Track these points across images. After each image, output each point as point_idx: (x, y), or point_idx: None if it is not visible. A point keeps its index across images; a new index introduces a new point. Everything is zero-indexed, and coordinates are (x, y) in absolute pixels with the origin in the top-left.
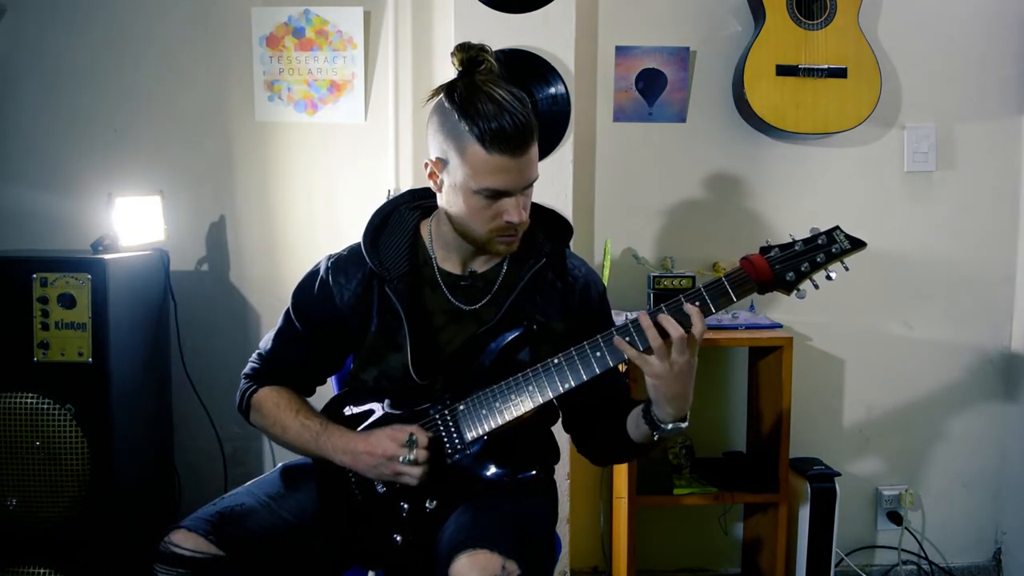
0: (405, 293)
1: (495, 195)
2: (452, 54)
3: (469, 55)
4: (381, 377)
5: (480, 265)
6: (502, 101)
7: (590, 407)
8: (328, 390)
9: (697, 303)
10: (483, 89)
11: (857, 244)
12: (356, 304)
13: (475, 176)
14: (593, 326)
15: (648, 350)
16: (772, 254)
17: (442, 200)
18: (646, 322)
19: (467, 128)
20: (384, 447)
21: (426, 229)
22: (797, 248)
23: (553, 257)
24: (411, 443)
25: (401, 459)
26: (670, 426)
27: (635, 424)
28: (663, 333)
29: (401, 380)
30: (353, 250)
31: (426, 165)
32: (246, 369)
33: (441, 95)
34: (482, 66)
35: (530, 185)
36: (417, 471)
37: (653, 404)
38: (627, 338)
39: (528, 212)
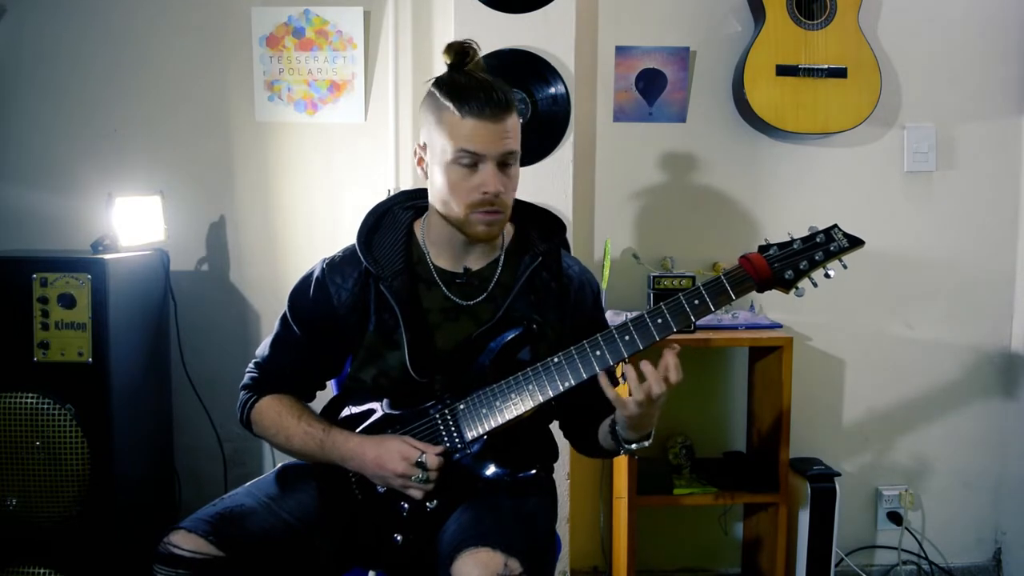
0: (400, 291)
1: (471, 161)
2: (443, 53)
3: (458, 50)
4: (380, 376)
5: (474, 262)
6: (482, 79)
7: (585, 408)
8: (328, 395)
9: (696, 301)
10: (466, 72)
11: (855, 242)
12: (353, 304)
13: (452, 142)
14: (586, 326)
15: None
16: (771, 252)
17: (429, 189)
18: (631, 374)
19: (446, 101)
20: (394, 465)
21: (419, 228)
22: (796, 246)
23: (548, 256)
24: (421, 466)
25: (412, 478)
26: (634, 446)
27: (604, 436)
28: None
29: (400, 379)
30: (348, 251)
31: (415, 154)
32: (244, 380)
33: (430, 87)
34: (468, 57)
35: (509, 157)
36: (427, 488)
37: (618, 425)
38: (626, 337)
39: (509, 194)
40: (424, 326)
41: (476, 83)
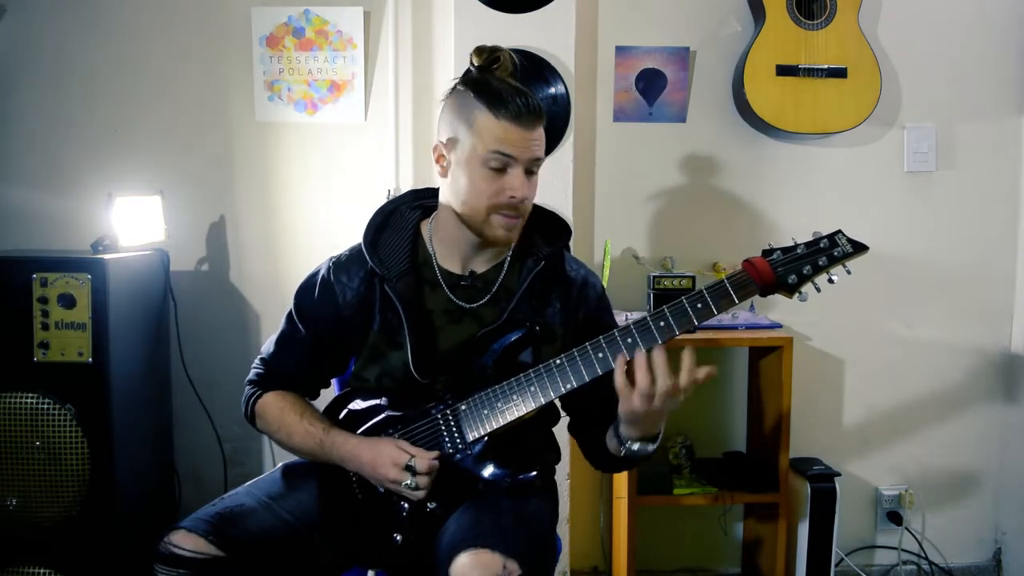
0: (404, 291)
1: (502, 164)
2: (472, 54)
3: (488, 53)
4: (383, 375)
5: (480, 265)
6: (515, 85)
7: (588, 412)
8: (331, 394)
9: (699, 304)
10: (497, 76)
11: (859, 248)
12: (359, 303)
13: (484, 143)
14: (593, 326)
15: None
16: (774, 257)
17: (445, 186)
18: (640, 362)
19: (480, 102)
20: (385, 470)
21: (426, 228)
22: (799, 251)
23: (551, 259)
24: (411, 470)
25: (403, 483)
26: (636, 446)
27: (611, 436)
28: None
29: (402, 379)
30: (354, 250)
31: (435, 149)
32: (250, 375)
33: (456, 84)
34: (497, 63)
35: (535, 164)
36: (419, 494)
37: (621, 422)
38: (628, 339)
39: (531, 200)
40: (428, 327)
41: (512, 88)
